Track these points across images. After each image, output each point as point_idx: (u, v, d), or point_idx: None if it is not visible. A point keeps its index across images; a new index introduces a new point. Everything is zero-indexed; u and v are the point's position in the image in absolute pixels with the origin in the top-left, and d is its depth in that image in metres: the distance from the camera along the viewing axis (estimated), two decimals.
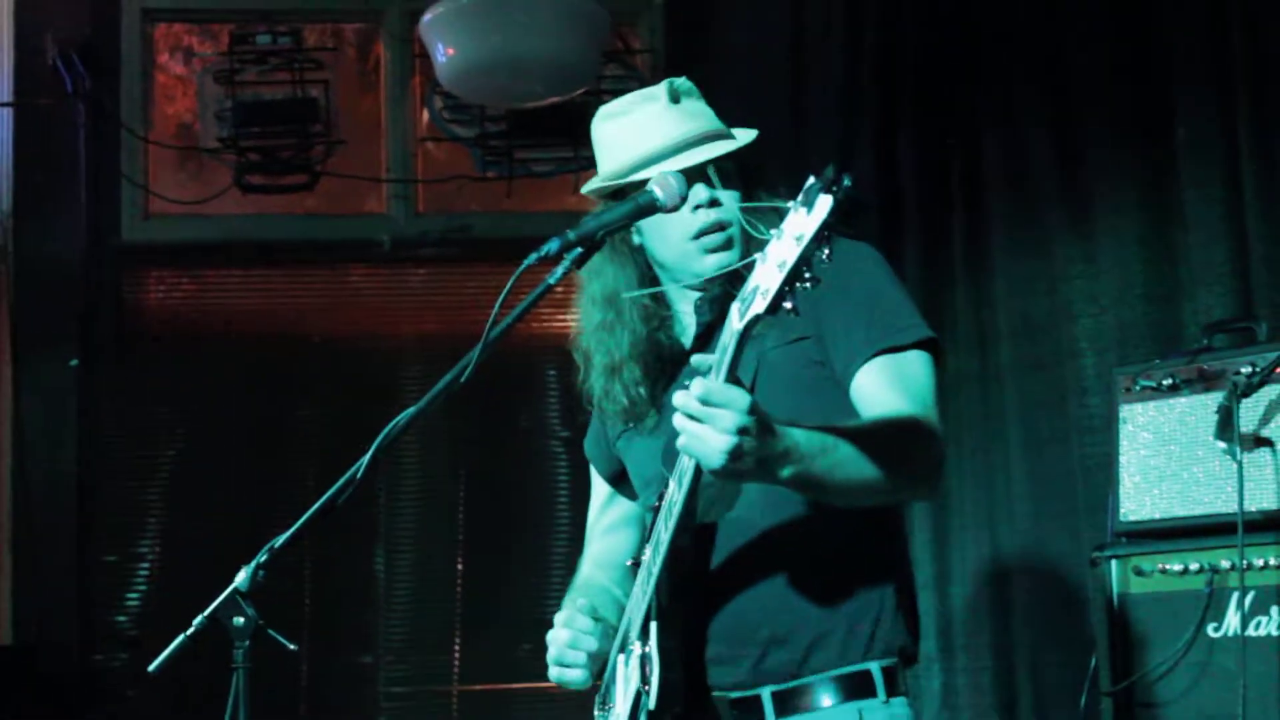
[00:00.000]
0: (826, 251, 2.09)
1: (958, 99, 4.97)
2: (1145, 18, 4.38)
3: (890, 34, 5.12)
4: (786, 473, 2.31)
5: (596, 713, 2.82)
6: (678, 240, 2.70)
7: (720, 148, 2.70)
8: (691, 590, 2.55)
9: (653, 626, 2.50)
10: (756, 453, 2.22)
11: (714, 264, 2.68)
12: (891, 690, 2.59)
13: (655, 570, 2.49)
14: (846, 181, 2.06)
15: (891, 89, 5.10)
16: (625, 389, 2.77)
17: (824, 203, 2.06)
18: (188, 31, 6.24)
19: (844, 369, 2.60)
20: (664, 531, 2.46)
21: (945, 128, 4.99)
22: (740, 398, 2.19)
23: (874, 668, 2.59)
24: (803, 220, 2.08)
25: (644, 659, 2.54)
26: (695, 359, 2.25)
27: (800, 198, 2.09)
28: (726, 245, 2.69)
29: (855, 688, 2.58)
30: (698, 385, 2.19)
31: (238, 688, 2.39)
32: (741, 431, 2.18)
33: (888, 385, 2.56)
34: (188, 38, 6.24)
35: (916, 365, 2.60)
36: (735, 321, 2.19)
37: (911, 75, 5.07)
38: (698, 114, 2.76)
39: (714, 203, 2.69)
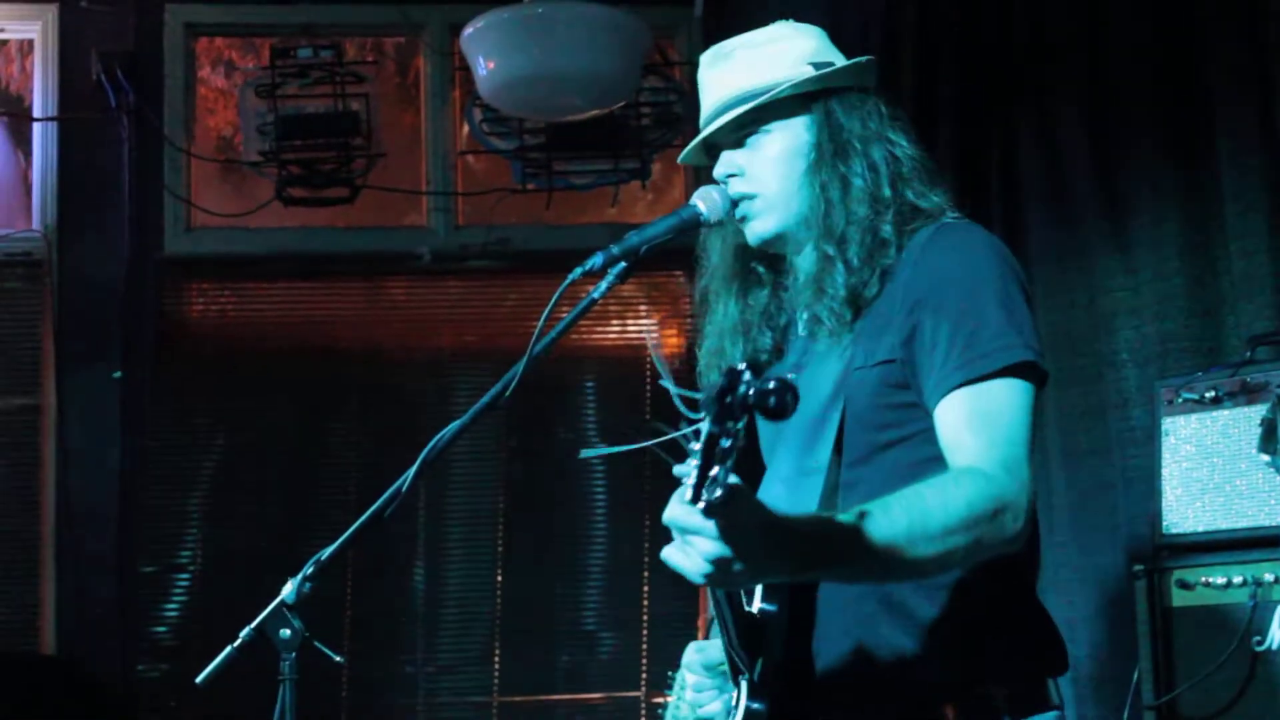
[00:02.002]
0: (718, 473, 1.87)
1: (995, 111, 4.96)
2: (1187, 30, 4.37)
3: (929, 55, 5.11)
4: (800, 579, 2.25)
5: None
6: None
7: (738, 112, 2.57)
8: (780, 646, 2.41)
9: (742, 682, 2.41)
10: (745, 575, 2.04)
11: (751, 236, 2.62)
12: (1018, 712, 2.41)
13: (731, 641, 2.40)
14: (743, 402, 1.83)
15: (929, 102, 5.09)
16: (736, 359, 2.65)
17: (707, 430, 1.85)
18: (229, 45, 6.28)
19: (927, 398, 2.39)
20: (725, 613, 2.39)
21: (983, 139, 4.98)
22: (709, 530, 1.95)
23: (996, 693, 2.41)
24: (704, 428, 1.87)
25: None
26: (676, 469, 2.00)
27: (704, 402, 1.88)
28: (755, 214, 2.59)
29: (976, 711, 2.40)
30: (672, 506, 1.99)
31: (284, 700, 2.40)
32: (717, 561, 1.98)
33: (965, 425, 2.33)
34: (229, 51, 6.28)
35: (1002, 398, 2.34)
36: (685, 495, 1.94)
37: (949, 88, 5.06)
38: (743, 67, 2.61)
39: (732, 175, 2.59)
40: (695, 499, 1.88)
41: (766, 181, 2.58)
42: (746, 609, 2.38)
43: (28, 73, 6.09)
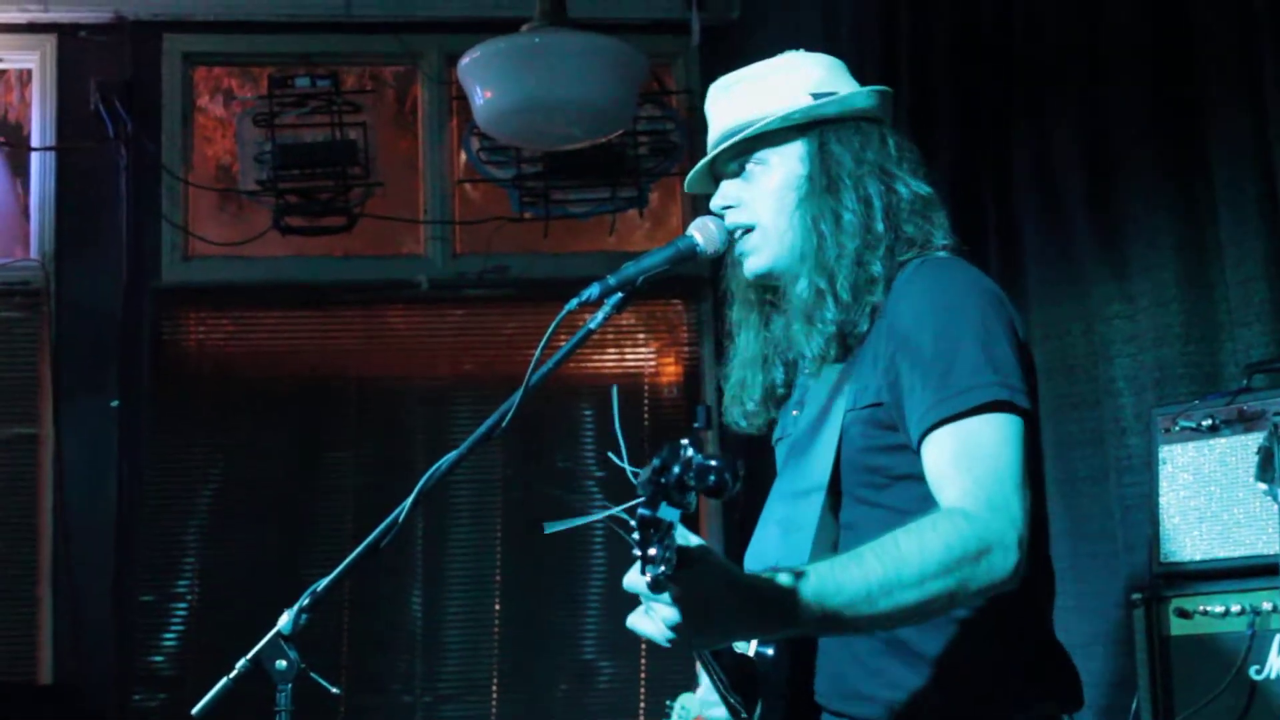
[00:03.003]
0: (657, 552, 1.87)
1: (992, 139, 4.97)
2: (1182, 54, 4.37)
3: (924, 81, 5.13)
4: (773, 637, 2.26)
5: None
6: None
7: (729, 143, 2.55)
8: (780, 689, 2.39)
9: None
10: (712, 638, 2.09)
11: (746, 270, 2.59)
12: None
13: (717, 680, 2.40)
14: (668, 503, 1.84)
15: (926, 131, 5.10)
16: (755, 392, 2.63)
17: (640, 512, 1.85)
18: (228, 74, 6.30)
19: (913, 440, 2.33)
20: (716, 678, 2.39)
21: (979, 167, 4.99)
22: (664, 598, 1.97)
23: None
24: (638, 509, 1.86)
25: None
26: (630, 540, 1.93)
27: (640, 483, 1.88)
28: (750, 248, 2.56)
29: None
30: (631, 573, 2.00)
31: None
32: (677, 628, 1.99)
33: (949, 464, 2.26)
34: (227, 80, 6.30)
35: (984, 435, 2.26)
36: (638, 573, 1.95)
37: (946, 119, 5.07)
38: (745, 97, 2.57)
39: (729, 207, 2.58)
40: (643, 573, 1.87)
41: (760, 214, 2.55)
42: (740, 653, 2.36)
43: (26, 102, 6.10)
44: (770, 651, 2.37)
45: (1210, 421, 3.75)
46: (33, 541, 5.81)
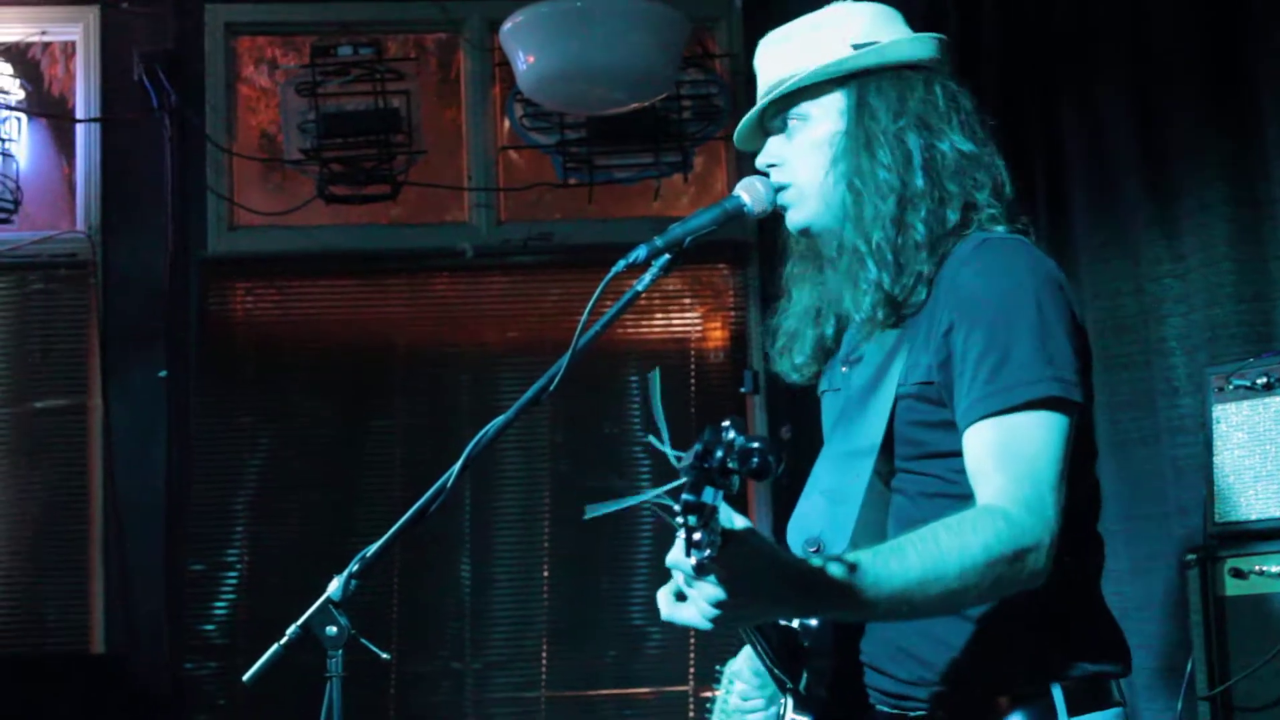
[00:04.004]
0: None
1: (1040, 99, 4.92)
2: (1233, 10, 4.33)
3: (972, 40, 5.08)
4: (807, 618, 2.28)
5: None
6: None
7: (766, 100, 2.53)
8: (826, 657, 2.41)
9: (788, 696, 2.42)
10: (752, 618, 2.14)
11: (789, 226, 2.58)
12: (1077, 709, 2.36)
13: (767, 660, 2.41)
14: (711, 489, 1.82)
15: (972, 90, 5.05)
16: (806, 345, 2.63)
17: (683, 497, 1.82)
18: (270, 44, 6.30)
19: (959, 424, 2.32)
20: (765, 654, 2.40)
21: (1026, 126, 4.95)
22: (711, 590, 1.96)
23: (1055, 689, 2.36)
24: (682, 494, 1.83)
25: None
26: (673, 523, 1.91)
27: (683, 468, 1.85)
28: (790, 204, 2.55)
29: (1031, 704, 2.36)
30: (675, 551, 1.99)
31: (331, 697, 2.40)
32: (721, 605, 1.98)
33: (990, 458, 2.25)
34: (270, 50, 6.29)
35: (1029, 432, 2.25)
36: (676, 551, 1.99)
37: (992, 79, 5.02)
38: (788, 52, 2.54)
39: (772, 165, 2.56)
40: (688, 556, 1.86)
41: (800, 170, 2.53)
42: (785, 625, 2.38)
43: (70, 74, 6.11)
44: (814, 621, 2.39)
45: (1264, 380, 3.73)
46: (83, 512, 5.84)
